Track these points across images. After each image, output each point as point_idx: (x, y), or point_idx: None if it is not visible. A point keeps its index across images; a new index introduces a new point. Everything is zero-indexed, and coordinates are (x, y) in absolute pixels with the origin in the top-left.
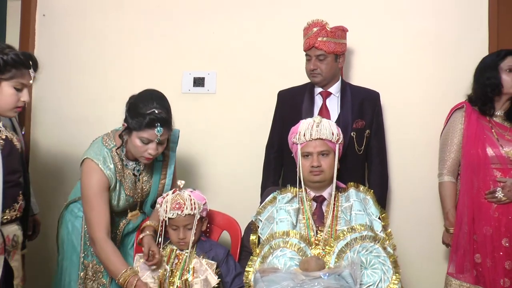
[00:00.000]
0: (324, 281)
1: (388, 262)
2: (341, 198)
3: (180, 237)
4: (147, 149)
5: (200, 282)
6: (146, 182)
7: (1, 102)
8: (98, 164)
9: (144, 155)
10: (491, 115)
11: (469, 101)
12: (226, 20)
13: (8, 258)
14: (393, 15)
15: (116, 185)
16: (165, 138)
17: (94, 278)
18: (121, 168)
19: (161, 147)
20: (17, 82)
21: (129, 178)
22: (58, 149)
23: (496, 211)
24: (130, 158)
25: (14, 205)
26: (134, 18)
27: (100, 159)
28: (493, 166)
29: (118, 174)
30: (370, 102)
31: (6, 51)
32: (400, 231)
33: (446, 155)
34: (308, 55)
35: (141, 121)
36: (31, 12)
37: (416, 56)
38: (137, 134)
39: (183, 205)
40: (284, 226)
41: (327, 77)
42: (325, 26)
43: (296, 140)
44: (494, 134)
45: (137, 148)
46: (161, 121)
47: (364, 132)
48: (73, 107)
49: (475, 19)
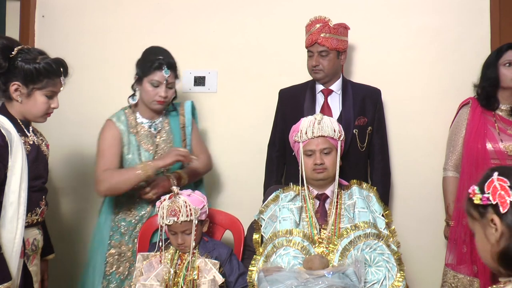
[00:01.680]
0: (328, 279)
1: (392, 259)
2: (344, 196)
3: (179, 242)
4: (157, 93)
5: (208, 283)
6: (165, 140)
7: (33, 110)
8: (112, 119)
9: (155, 98)
10: (495, 109)
11: (476, 96)
12: (227, 18)
13: (28, 262)
14: (394, 12)
15: (131, 139)
16: (173, 82)
17: (119, 262)
18: (135, 124)
19: (170, 92)
20: (49, 90)
21: (144, 133)
22: (58, 149)
23: None
24: (145, 116)
25: (36, 210)
26: (133, 19)
27: (114, 116)
28: (492, 161)
29: (131, 129)
30: (371, 99)
31: (39, 59)
32: (404, 228)
33: (451, 151)
34: (310, 51)
35: (150, 65)
36: (31, 13)
37: (417, 53)
38: (147, 79)
39: (179, 212)
40: (287, 225)
41: (329, 74)
42: (328, 22)
43: (297, 138)
44: (496, 129)
45: (149, 93)
46: (168, 64)
47: (366, 129)
48: (74, 107)
49: (476, 14)
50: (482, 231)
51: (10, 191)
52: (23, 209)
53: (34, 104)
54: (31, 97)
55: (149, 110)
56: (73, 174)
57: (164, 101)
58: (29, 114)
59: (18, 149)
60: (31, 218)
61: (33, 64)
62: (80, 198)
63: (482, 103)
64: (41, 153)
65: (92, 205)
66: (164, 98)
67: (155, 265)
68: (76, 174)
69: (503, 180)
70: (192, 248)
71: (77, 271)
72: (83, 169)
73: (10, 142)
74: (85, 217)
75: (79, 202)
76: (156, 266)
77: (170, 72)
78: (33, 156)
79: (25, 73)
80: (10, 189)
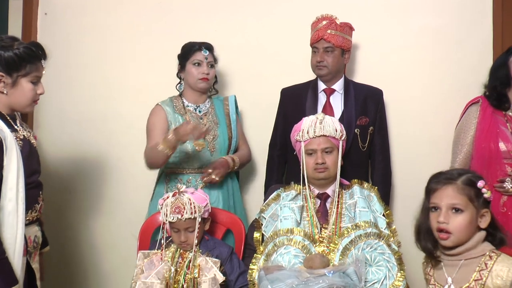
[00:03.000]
0: (328, 278)
1: (393, 259)
2: (345, 195)
3: (182, 240)
4: (200, 71)
5: (209, 281)
6: (210, 121)
7: (21, 99)
8: (159, 104)
9: (199, 76)
10: (507, 109)
11: (485, 96)
12: (227, 18)
13: (30, 259)
14: (395, 12)
15: (178, 118)
16: (212, 61)
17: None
18: (182, 107)
19: (212, 70)
20: (34, 76)
21: (191, 116)
22: (60, 148)
23: (504, 206)
24: (191, 100)
25: (35, 206)
26: (135, 16)
27: (162, 102)
28: (505, 161)
29: (178, 110)
30: (373, 99)
31: (15, 45)
32: (404, 228)
33: (459, 149)
34: (316, 47)
35: (190, 49)
36: (33, 10)
37: (419, 53)
38: (190, 61)
39: (183, 209)
40: (288, 224)
41: (332, 71)
42: (334, 20)
43: (299, 138)
44: (508, 129)
45: (193, 73)
46: (205, 45)
47: (368, 128)
48: (76, 106)
49: (478, 14)
50: (472, 214)
51: (8, 189)
52: (22, 207)
53: (22, 92)
54: (17, 86)
55: (194, 94)
56: (73, 172)
57: (208, 78)
58: (17, 104)
59: (12, 147)
60: (31, 215)
61: (12, 50)
62: (81, 197)
63: (493, 103)
64: (32, 147)
65: (92, 203)
66: (207, 75)
67: (156, 263)
68: (76, 172)
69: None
70: (194, 245)
71: (76, 268)
72: (83, 167)
73: (4, 141)
74: (86, 215)
75: (79, 201)
76: (157, 264)
77: (209, 52)
78: (26, 152)
79: (6, 62)
80: (7, 187)
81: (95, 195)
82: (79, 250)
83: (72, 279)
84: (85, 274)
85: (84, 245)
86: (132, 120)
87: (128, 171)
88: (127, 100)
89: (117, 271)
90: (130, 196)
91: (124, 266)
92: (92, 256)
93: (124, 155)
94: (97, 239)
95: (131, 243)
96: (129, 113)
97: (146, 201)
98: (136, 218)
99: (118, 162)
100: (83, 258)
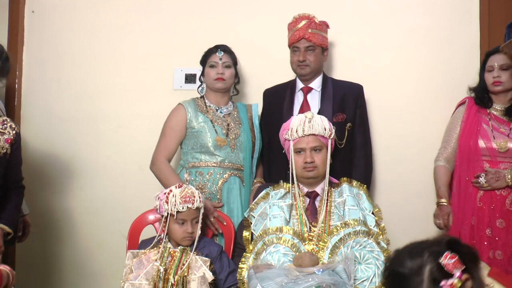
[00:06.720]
0: (318, 276)
1: (382, 256)
2: (334, 193)
3: (189, 231)
4: (215, 72)
5: (198, 279)
6: (234, 121)
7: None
8: (182, 103)
9: (214, 77)
10: (490, 107)
11: (471, 96)
12: (218, 16)
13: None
14: (384, 12)
15: (200, 116)
16: (228, 62)
17: None
18: (204, 107)
19: (228, 71)
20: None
21: (214, 115)
22: (47, 147)
23: (480, 201)
24: (213, 102)
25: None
26: (124, 14)
27: (185, 101)
28: (483, 158)
29: (200, 109)
30: (352, 95)
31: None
32: (393, 225)
33: (445, 146)
34: (297, 47)
35: (208, 52)
36: (20, 8)
37: (407, 52)
38: (207, 63)
39: (193, 198)
40: (277, 222)
41: (314, 69)
42: (313, 19)
43: (288, 137)
44: (490, 126)
45: (209, 75)
46: (221, 47)
47: (345, 125)
48: (63, 104)
49: (466, 15)
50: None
51: None
52: None
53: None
54: None
55: (215, 95)
56: (62, 171)
57: (223, 78)
58: None
59: None
60: None
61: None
62: (69, 195)
63: (476, 102)
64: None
65: (80, 202)
66: (221, 75)
67: (145, 262)
68: (65, 171)
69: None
70: (197, 239)
71: (64, 268)
72: (72, 165)
73: None
74: (74, 214)
75: (68, 200)
76: (146, 263)
77: (224, 53)
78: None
79: None
80: None
81: (83, 194)
82: (67, 250)
83: (60, 279)
84: (74, 274)
85: (72, 244)
86: (120, 119)
87: (117, 170)
88: (116, 99)
89: (106, 270)
90: (119, 195)
91: (113, 265)
92: (80, 256)
93: (112, 154)
94: (86, 238)
95: (120, 242)
96: (118, 112)
97: (135, 200)
98: (125, 217)
99: (107, 160)
100: (72, 258)
